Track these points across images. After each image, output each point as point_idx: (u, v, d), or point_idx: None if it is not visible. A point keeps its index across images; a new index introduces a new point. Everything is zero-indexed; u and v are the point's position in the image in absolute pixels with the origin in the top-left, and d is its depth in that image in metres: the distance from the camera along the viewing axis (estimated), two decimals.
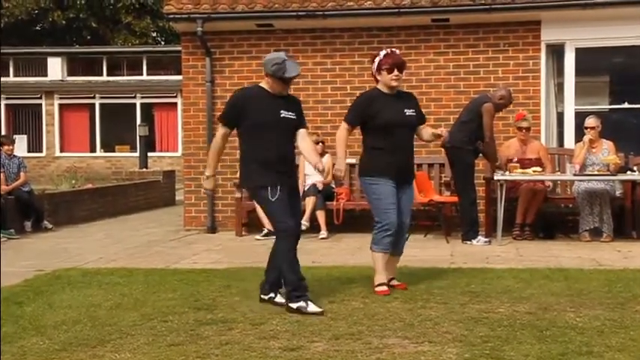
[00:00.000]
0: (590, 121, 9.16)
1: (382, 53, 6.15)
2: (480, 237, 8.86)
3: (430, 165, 10.08)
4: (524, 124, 9.29)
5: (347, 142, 6.19)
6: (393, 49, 6.25)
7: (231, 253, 8.54)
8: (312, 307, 5.33)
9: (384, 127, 6.04)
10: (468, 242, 8.84)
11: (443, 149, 9.25)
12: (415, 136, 6.33)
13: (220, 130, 5.80)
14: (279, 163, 5.58)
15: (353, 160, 10.39)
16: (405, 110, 6.11)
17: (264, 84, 5.76)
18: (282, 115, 5.64)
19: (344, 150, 6.14)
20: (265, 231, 9.35)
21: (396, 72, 6.04)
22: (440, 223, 9.52)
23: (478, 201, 9.19)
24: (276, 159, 5.57)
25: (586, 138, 9.14)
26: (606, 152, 9.15)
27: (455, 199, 9.42)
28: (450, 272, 6.89)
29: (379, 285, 6.00)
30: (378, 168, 6.05)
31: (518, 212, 9.13)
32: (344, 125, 6.18)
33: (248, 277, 6.62)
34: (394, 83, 6.08)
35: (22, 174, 11.13)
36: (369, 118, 6.07)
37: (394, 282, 6.19)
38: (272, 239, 8.53)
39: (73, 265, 7.78)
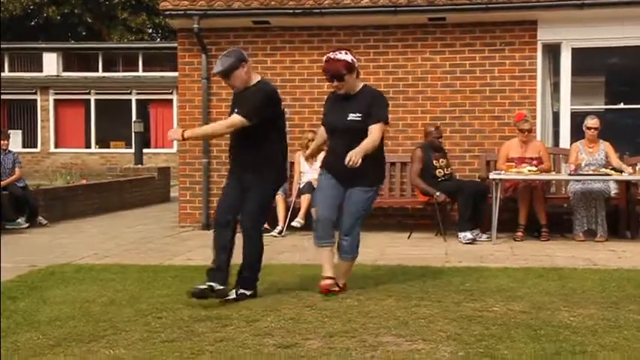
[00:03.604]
0: (593, 122, 9.16)
1: (324, 58, 5.96)
2: (466, 233, 8.83)
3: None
4: (526, 126, 9.21)
5: (323, 138, 6.24)
6: (333, 54, 5.86)
7: None
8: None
9: (327, 130, 6.06)
10: (461, 234, 8.83)
11: None
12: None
13: None
14: (233, 156, 5.92)
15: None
16: (350, 114, 5.81)
17: None
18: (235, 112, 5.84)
19: (317, 143, 6.35)
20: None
21: (334, 82, 5.86)
22: (439, 221, 9.49)
23: None
24: (232, 153, 5.94)
25: (577, 155, 9.15)
26: (603, 153, 9.17)
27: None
28: (445, 271, 6.89)
29: (323, 279, 5.84)
30: (324, 164, 6.10)
31: (520, 214, 9.11)
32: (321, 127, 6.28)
33: None
34: (338, 91, 5.92)
35: (16, 169, 11.10)
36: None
37: (336, 287, 5.90)
38: (269, 236, 8.59)
39: (67, 260, 7.76)
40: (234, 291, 5.69)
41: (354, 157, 5.57)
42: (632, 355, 4.23)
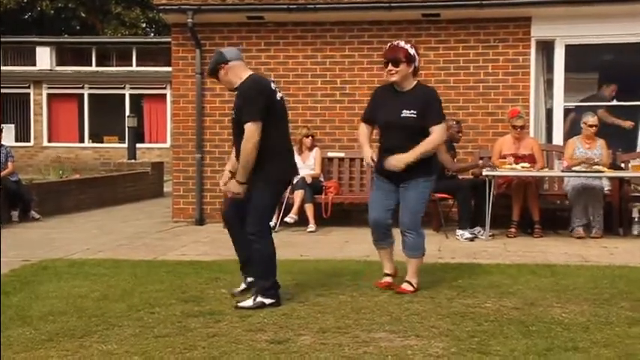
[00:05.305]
0: (593, 119, 9.19)
1: (388, 45, 5.93)
2: (465, 231, 8.86)
3: None
4: (519, 123, 9.20)
5: (369, 135, 6.00)
6: (397, 42, 5.89)
7: (219, 245, 8.52)
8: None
9: (380, 126, 5.95)
10: (459, 232, 8.85)
11: None
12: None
13: None
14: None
15: (342, 154, 10.43)
16: (403, 110, 5.73)
17: None
18: (232, 115, 5.62)
19: (365, 142, 5.96)
20: None
21: (389, 66, 5.78)
22: (441, 218, 9.49)
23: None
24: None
25: (573, 151, 9.16)
26: (599, 150, 9.20)
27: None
28: (438, 267, 6.89)
29: (383, 276, 6.02)
30: (377, 166, 5.96)
31: (513, 210, 9.12)
32: (361, 123, 6.09)
33: (236, 270, 6.60)
34: (390, 78, 5.81)
35: (9, 163, 11.07)
36: (373, 115, 5.98)
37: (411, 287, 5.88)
38: None
39: (60, 255, 7.76)
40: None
41: (397, 163, 5.62)
42: (623, 351, 4.25)
